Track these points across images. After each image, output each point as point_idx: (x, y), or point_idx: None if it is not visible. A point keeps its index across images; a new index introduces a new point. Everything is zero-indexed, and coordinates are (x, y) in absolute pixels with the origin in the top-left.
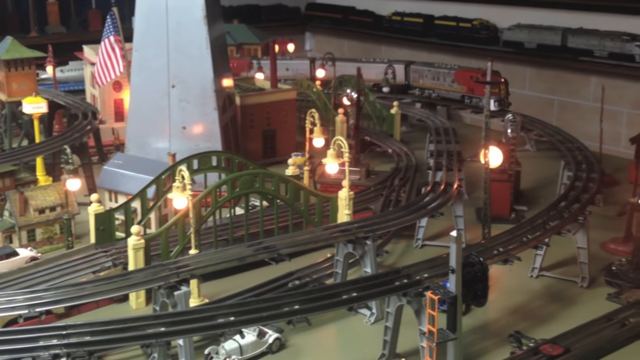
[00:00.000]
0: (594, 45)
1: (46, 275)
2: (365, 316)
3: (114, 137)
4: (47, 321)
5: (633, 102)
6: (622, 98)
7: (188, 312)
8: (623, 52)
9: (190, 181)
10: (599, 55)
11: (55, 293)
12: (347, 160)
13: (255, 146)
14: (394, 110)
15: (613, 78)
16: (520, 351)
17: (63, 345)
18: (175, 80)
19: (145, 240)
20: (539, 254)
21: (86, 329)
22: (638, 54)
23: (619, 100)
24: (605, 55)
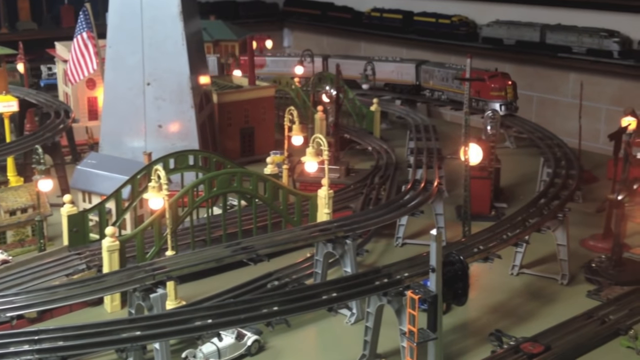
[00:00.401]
0: (573, 42)
1: (17, 278)
2: (345, 316)
3: (87, 136)
4: (19, 326)
5: (611, 98)
6: (601, 94)
7: (164, 315)
8: (601, 49)
9: (166, 181)
10: (577, 52)
11: (27, 297)
12: (326, 159)
13: (233, 144)
14: (374, 108)
15: (591, 74)
16: (501, 350)
17: (35, 350)
18: (150, 78)
19: (120, 241)
20: (519, 251)
21: (59, 333)
22: (616, 50)
23: (597, 96)
24: (583, 51)
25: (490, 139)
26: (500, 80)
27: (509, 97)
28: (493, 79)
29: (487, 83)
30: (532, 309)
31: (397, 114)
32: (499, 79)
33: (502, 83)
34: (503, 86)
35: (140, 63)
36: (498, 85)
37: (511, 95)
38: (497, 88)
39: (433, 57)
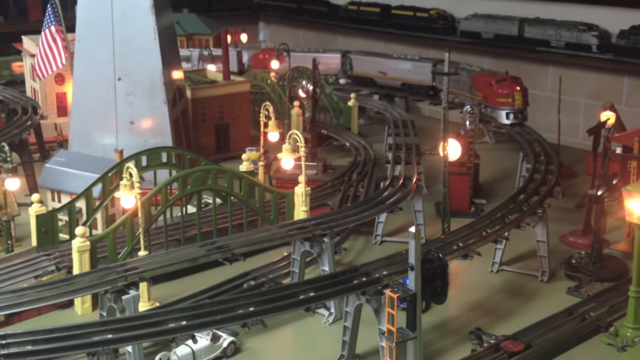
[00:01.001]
0: (551, 36)
1: None
2: (323, 316)
3: (56, 133)
4: None
5: (590, 92)
6: (579, 88)
7: (137, 317)
8: (580, 42)
9: (138, 179)
10: (555, 46)
11: None
12: (303, 155)
13: (207, 141)
14: (352, 103)
15: (570, 68)
16: (481, 348)
17: (2, 355)
18: (121, 73)
19: (91, 242)
20: (499, 248)
21: (27, 337)
22: (595, 44)
23: (576, 90)
24: (562, 45)
25: (469, 134)
26: (508, 85)
27: (516, 104)
28: (500, 84)
29: (493, 88)
30: (512, 307)
31: (375, 109)
32: (507, 83)
33: (510, 88)
34: (510, 92)
35: (111, 58)
36: (505, 91)
37: (520, 102)
38: (504, 94)
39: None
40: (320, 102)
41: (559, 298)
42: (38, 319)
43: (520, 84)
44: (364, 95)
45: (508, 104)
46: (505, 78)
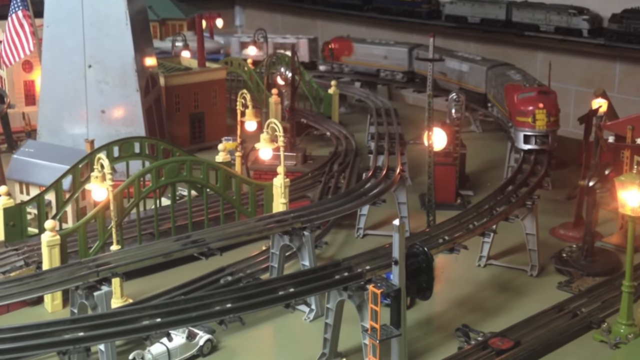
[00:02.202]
0: (540, 20)
1: None
2: (303, 313)
3: (24, 122)
4: None
5: (581, 79)
6: (570, 75)
7: (109, 315)
8: (570, 27)
9: (110, 170)
10: (545, 30)
11: None
12: (282, 145)
13: (182, 131)
14: (332, 90)
15: (560, 54)
16: (468, 346)
17: None
18: (92, 60)
19: (61, 236)
20: (487, 241)
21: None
22: (585, 29)
23: (566, 77)
24: (551, 30)
25: (455, 123)
26: (531, 100)
27: (538, 125)
28: (522, 98)
29: (515, 102)
30: (501, 302)
31: (357, 97)
32: (530, 97)
33: (532, 104)
34: (531, 109)
35: (81, 44)
36: (525, 107)
37: (542, 123)
38: (524, 111)
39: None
40: (300, 89)
41: (549, 293)
42: (6, 317)
43: (547, 100)
44: (345, 82)
45: (527, 125)
46: (532, 90)
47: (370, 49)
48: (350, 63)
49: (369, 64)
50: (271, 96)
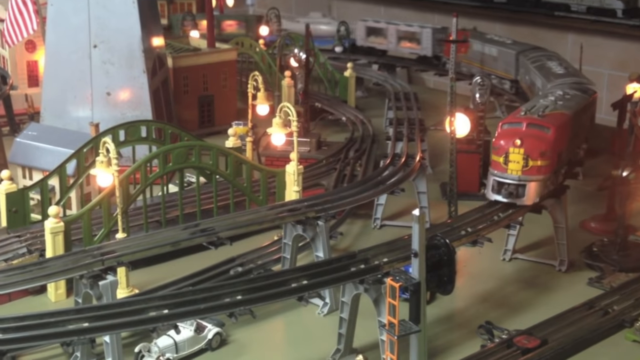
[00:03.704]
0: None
1: None
2: (317, 307)
3: (27, 104)
4: None
5: (614, 62)
6: (602, 58)
7: (115, 305)
8: (603, 7)
9: (116, 155)
10: (576, 10)
11: None
12: (295, 130)
13: (190, 114)
14: (348, 73)
15: (592, 35)
16: (492, 344)
17: None
18: (97, 39)
19: (65, 223)
20: (512, 234)
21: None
22: (620, 9)
23: (598, 60)
24: (583, 10)
25: (479, 108)
26: (514, 133)
27: (509, 170)
28: (504, 130)
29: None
30: (527, 299)
31: (374, 80)
32: (509, 131)
33: (509, 139)
34: (504, 147)
35: (86, 22)
36: (499, 143)
37: (515, 167)
38: (496, 148)
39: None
40: (314, 72)
41: (579, 289)
42: (8, 306)
43: (533, 137)
44: (362, 64)
45: (498, 166)
46: (522, 121)
47: (483, 47)
48: (465, 63)
49: (481, 66)
50: (284, 79)
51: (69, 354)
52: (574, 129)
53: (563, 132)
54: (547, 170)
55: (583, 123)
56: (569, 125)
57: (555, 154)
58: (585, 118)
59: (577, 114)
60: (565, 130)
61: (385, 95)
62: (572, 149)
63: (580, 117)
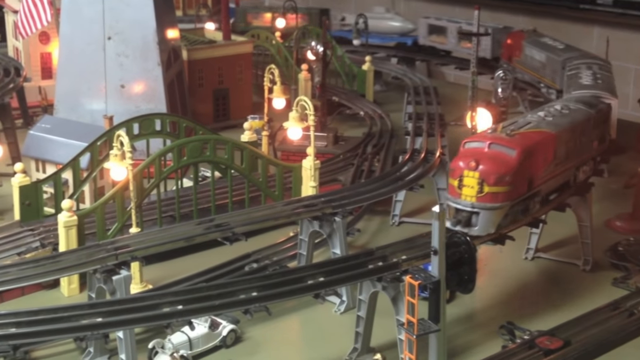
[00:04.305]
0: None
1: None
2: (334, 305)
3: (40, 97)
4: None
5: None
6: (630, 52)
7: (129, 300)
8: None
9: (130, 148)
10: (602, 3)
11: None
12: (312, 125)
13: (205, 108)
14: (366, 67)
15: (619, 29)
16: (513, 344)
17: None
18: (111, 31)
19: (79, 216)
20: (535, 232)
21: (10, 319)
22: None
23: (625, 55)
24: (609, 2)
25: (501, 103)
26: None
27: (462, 195)
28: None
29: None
30: (549, 299)
31: (393, 73)
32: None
33: (465, 160)
34: (459, 169)
35: (100, 14)
36: (455, 165)
37: (470, 192)
38: (453, 170)
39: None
40: (331, 65)
41: (604, 290)
42: (21, 300)
43: (493, 159)
44: (380, 58)
45: (452, 190)
46: (485, 139)
47: (532, 51)
48: (519, 68)
49: (533, 73)
50: (301, 72)
51: (82, 349)
52: (563, 149)
53: (536, 155)
54: (506, 197)
55: (584, 141)
56: (550, 146)
57: (520, 179)
58: (590, 135)
59: (567, 133)
60: (541, 152)
61: (404, 89)
62: (562, 171)
63: (577, 135)
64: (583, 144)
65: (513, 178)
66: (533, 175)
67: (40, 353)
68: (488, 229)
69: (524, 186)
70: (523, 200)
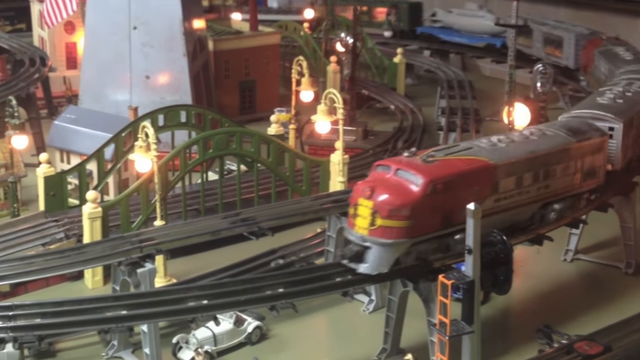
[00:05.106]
0: None
1: None
2: (362, 303)
3: (65, 87)
4: None
5: None
6: None
7: (153, 294)
8: None
9: (155, 140)
10: None
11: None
12: (340, 118)
13: (231, 100)
14: (398, 59)
15: None
16: (550, 349)
17: (9, 328)
18: (137, 21)
19: (103, 208)
20: (575, 233)
21: (36, 309)
22: None
23: None
24: None
25: (541, 98)
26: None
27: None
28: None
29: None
30: (589, 302)
31: (426, 66)
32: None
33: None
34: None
35: (126, 4)
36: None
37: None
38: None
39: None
40: (361, 57)
41: None
42: (45, 291)
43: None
44: (413, 50)
45: (349, 219)
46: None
47: (602, 62)
48: (590, 81)
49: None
50: (329, 64)
51: (106, 342)
52: (511, 182)
53: (458, 187)
54: (402, 234)
55: (556, 174)
56: (485, 178)
57: (428, 213)
58: (568, 168)
59: (521, 164)
60: (468, 184)
61: (438, 83)
62: (513, 207)
63: (538, 167)
64: (556, 178)
65: (414, 212)
66: (453, 210)
67: (64, 345)
68: (379, 268)
69: (436, 222)
70: (439, 237)
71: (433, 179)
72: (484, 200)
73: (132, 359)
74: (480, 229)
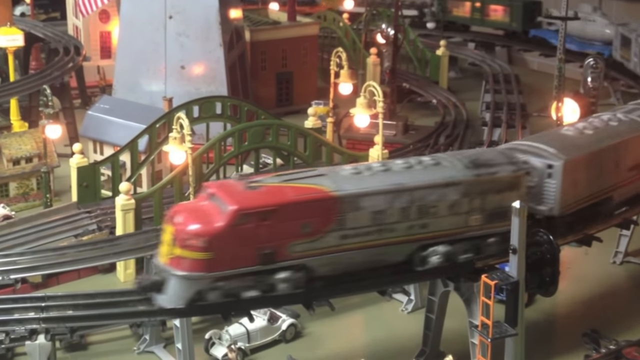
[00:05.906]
0: None
1: (21, 237)
2: (401, 303)
3: (99, 76)
4: (22, 291)
5: None
6: None
7: None
8: None
9: (189, 131)
10: None
11: (32, 258)
12: (380, 112)
13: (267, 92)
14: (441, 52)
15: None
16: (597, 354)
17: (41, 319)
18: (173, 10)
19: (136, 200)
20: (625, 234)
21: (68, 301)
22: None
23: None
24: None
25: (591, 94)
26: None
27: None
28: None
29: None
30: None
31: (470, 60)
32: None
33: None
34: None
35: None
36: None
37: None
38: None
39: None
40: (403, 49)
41: None
42: (77, 283)
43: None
44: (457, 42)
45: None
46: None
47: None
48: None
49: None
50: (369, 56)
51: (138, 336)
52: (364, 217)
53: (284, 219)
54: (198, 266)
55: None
56: (325, 210)
57: (237, 247)
58: (459, 206)
59: (378, 197)
60: (300, 217)
61: (482, 77)
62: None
63: (405, 202)
64: (437, 216)
65: (214, 243)
66: (277, 244)
67: (95, 338)
68: (176, 302)
69: (249, 256)
70: (255, 274)
71: (242, 208)
72: (322, 236)
73: (164, 354)
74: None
